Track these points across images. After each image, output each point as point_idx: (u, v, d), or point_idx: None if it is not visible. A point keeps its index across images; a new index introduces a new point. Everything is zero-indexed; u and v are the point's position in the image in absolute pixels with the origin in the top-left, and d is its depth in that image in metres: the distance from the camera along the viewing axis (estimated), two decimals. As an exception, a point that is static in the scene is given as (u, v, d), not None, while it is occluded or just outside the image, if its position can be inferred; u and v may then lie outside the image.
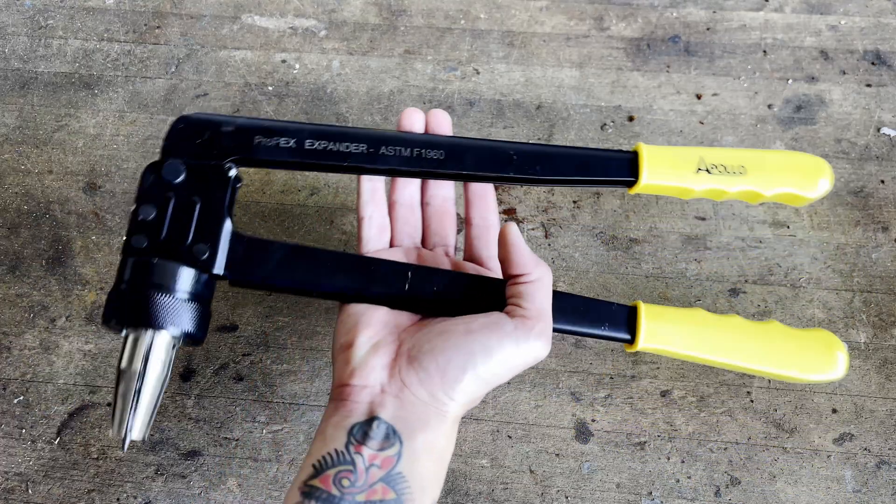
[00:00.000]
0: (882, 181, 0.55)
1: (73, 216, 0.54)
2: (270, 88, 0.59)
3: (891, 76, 0.59)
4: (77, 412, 0.48)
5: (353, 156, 0.40)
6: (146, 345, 0.36)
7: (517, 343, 0.35)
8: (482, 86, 0.59)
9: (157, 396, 0.37)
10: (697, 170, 0.41)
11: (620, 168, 0.41)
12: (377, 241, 0.43)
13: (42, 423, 0.48)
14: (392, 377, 0.36)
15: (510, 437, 0.48)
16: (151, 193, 0.39)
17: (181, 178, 0.39)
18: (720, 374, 0.49)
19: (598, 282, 0.52)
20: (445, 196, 0.45)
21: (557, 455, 0.47)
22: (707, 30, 0.61)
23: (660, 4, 0.62)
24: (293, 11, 0.63)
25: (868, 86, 0.58)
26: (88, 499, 0.46)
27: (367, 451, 0.34)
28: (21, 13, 0.63)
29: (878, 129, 0.57)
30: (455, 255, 0.44)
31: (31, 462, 0.47)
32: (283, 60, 0.60)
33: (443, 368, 0.35)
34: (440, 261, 0.43)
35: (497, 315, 0.37)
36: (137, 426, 0.36)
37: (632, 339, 0.40)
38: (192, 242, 0.38)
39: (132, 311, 0.36)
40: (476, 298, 0.39)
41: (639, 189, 0.42)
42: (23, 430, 0.48)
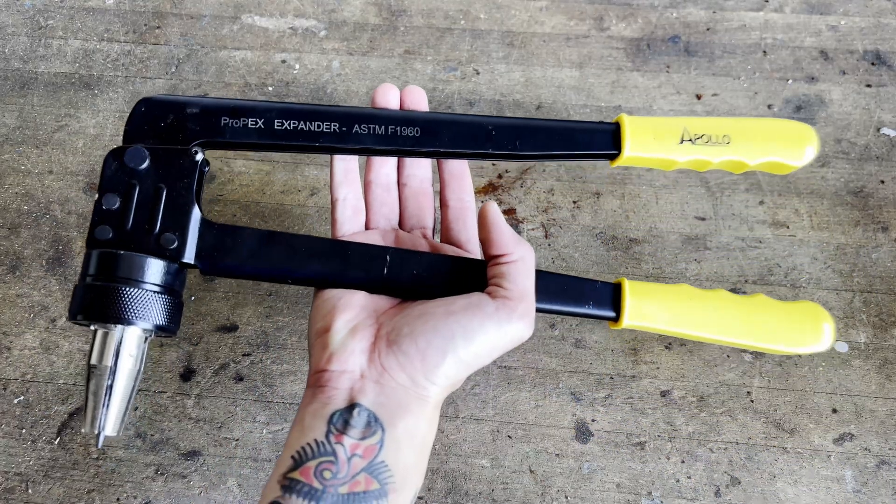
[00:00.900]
0: (882, 181, 0.55)
1: (74, 216, 0.54)
2: (270, 88, 0.59)
3: (891, 76, 0.59)
4: (77, 412, 0.48)
5: (325, 135, 0.39)
6: (116, 340, 0.36)
7: (499, 324, 0.34)
8: (482, 86, 0.59)
9: (131, 391, 0.36)
10: (681, 140, 0.40)
11: (603, 140, 0.40)
12: (352, 224, 0.41)
13: (42, 423, 0.48)
14: (371, 362, 0.35)
15: (510, 437, 0.48)
16: (114, 181, 0.37)
17: (145, 165, 0.37)
18: (720, 374, 0.49)
19: (598, 282, 0.52)
20: (423, 177, 0.43)
21: (557, 455, 0.47)
22: (707, 30, 0.61)
23: (660, 4, 0.62)
24: (293, 11, 0.63)
25: (868, 86, 0.58)
26: (88, 499, 0.46)
27: (349, 441, 0.33)
28: (21, 13, 0.63)
29: (878, 130, 0.57)
30: (434, 238, 0.43)
31: (31, 462, 0.47)
32: (283, 60, 0.60)
33: (423, 352, 0.34)
34: (418, 243, 0.41)
35: (478, 296, 0.36)
36: (111, 422, 0.35)
37: (617, 317, 0.39)
38: (160, 232, 0.37)
39: (99, 307, 0.35)
40: (457, 281, 0.38)
41: (622, 161, 0.40)
42: (23, 430, 0.48)
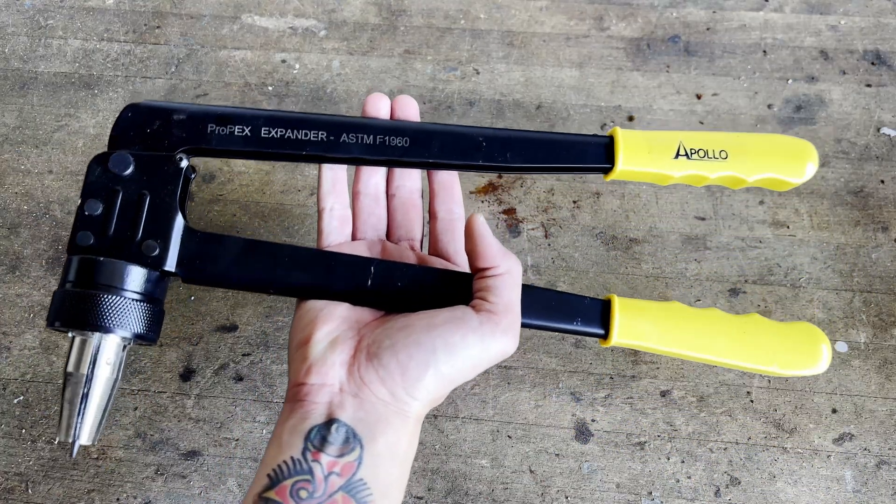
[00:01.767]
0: (882, 181, 0.55)
1: (73, 216, 0.54)
2: (270, 88, 0.59)
3: (891, 76, 0.59)
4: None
5: (313, 144, 0.39)
6: (94, 348, 0.35)
7: (482, 339, 0.34)
8: (482, 86, 0.59)
9: (108, 399, 0.36)
10: (676, 155, 0.39)
11: (596, 154, 0.40)
12: (338, 234, 0.41)
13: (42, 423, 0.48)
14: (351, 375, 0.34)
15: (510, 437, 0.48)
16: (98, 187, 0.37)
17: (129, 171, 0.37)
18: (720, 374, 0.49)
19: (598, 282, 0.52)
20: (412, 188, 0.43)
21: (557, 455, 0.47)
22: (707, 30, 0.61)
23: (660, 4, 0.62)
24: (293, 11, 0.63)
25: (868, 86, 0.58)
26: (88, 499, 0.46)
27: (326, 458, 0.32)
28: (21, 13, 0.63)
29: (878, 129, 0.57)
30: (421, 250, 0.43)
31: (31, 462, 0.47)
32: (283, 60, 0.60)
33: (404, 365, 0.33)
34: (405, 255, 0.40)
35: (462, 309, 0.35)
36: (86, 431, 0.35)
37: (605, 335, 0.38)
38: (142, 239, 0.36)
39: (78, 314, 0.35)
40: (443, 294, 0.37)
41: (615, 176, 0.40)
42: (23, 430, 0.48)
